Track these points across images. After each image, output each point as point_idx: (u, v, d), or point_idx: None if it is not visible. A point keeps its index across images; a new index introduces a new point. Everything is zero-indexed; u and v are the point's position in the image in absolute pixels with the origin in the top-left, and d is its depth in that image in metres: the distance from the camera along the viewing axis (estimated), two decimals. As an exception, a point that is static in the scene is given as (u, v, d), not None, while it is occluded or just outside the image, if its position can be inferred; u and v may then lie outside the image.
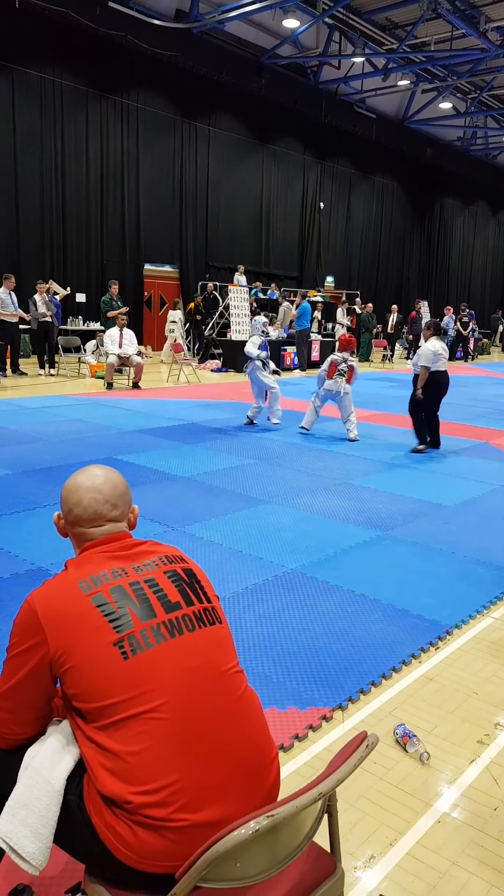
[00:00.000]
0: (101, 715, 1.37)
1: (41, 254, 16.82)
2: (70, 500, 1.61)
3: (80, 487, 1.61)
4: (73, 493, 1.61)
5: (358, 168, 25.71)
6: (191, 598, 1.53)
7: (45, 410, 9.31)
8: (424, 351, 7.40)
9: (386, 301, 24.99)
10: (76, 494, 1.60)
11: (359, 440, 8.14)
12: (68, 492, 1.62)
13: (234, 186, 21.30)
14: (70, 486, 1.63)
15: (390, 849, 2.10)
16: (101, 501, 1.60)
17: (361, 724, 2.71)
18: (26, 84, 15.94)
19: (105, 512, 1.60)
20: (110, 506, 1.61)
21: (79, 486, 1.61)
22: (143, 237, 19.05)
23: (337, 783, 1.30)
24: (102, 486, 1.61)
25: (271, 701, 2.79)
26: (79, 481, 1.62)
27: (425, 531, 4.94)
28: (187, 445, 7.43)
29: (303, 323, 15.90)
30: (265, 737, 1.48)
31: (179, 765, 1.34)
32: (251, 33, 19.86)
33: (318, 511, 5.31)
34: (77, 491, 1.61)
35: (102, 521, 1.60)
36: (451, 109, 25.40)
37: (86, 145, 17.41)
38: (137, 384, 12.11)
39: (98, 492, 1.60)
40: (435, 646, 3.33)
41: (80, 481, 1.62)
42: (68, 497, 1.61)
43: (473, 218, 32.67)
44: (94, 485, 1.61)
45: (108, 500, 1.61)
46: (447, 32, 19.17)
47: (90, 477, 1.63)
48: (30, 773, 1.42)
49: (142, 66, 17.95)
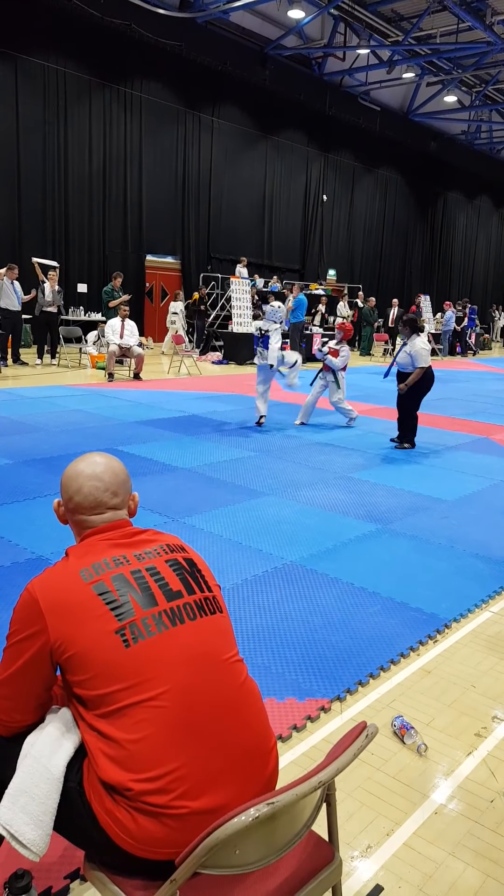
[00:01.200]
0: (103, 702, 1.37)
1: (43, 244, 16.76)
2: (70, 487, 1.60)
3: (80, 475, 1.61)
4: (73, 480, 1.61)
5: (361, 161, 25.60)
6: (192, 587, 1.53)
7: (45, 400, 9.31)
8: (419, 351, 7.30)
9: (388, 294, 24.93)
10: (76, 482, 1.60)
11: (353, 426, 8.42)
12: (69, 479, 1.61)
13: (237, 178, 21.22)
14: (71, 473, 1.62)
15: (387, 839, 2.11)
16: (101, 489, 1.60)
17: (360, 716, 2.72)
18: (30, 73, 15.86)
19: (105, 500, 1.60)
20: (111, 493, 1.61)
21: (79, 473, 1.61)
22: (145, 228, 18.99)
23: (336, 772, 1.31)
24: (103, 474, 1.61)
25: (270, 691, 2.80)
26: (79, 468, 1.62)
27: (425, 525, 4.94)
28: (188, 437, 7.43)
29: (297, 316, 15.78)
30: (265, 726, 1.49)
31: (180, 752, 1.35)
32: (256, 23, 19.74)
33: (318, 504, 5.32)
34: (77, 478, 1.60)
35: (103, 509, 1.60)
36: (456, 103, 25.28)
37: (89, 135, 17.33)
38: (138, 375, 12.10)
39: (99, 479, 1.60)
40: (433, 639, 3.34)
41: (81, 468, 1.62)
42: (69, 484, 1.61)
43: (476, 212, 32.56)
44: (94, 472, 1.61)
45: (108, 488, 1.61)
46: (453, 25, 19.06)
47: (91, 464, 1.62)
48: (29, 761, 1.43)
49: (146, 56, 17.84)
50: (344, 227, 25.62)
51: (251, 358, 16.02)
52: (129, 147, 18.24)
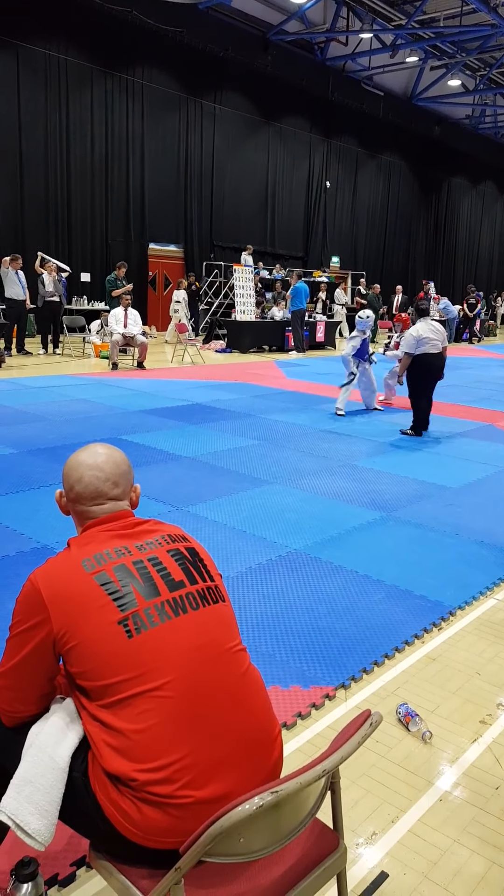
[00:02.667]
0: (106, 693, 1.37)
1: (45, 233, 16.71)
2: (71, 477, 1.60)
3: (81, 465, 1.60)
4: (74, 470, 1.60)
5: (365, 146, 25.40)
6: (194, 577, 1.53)
7: (49, 390, 9.30)
8: (406, 337, 7.23)
9: (392, 281, 24.79)
10: (77, 472, 1.60)
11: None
12: (70, 469, 1.61)
13: (240, 165, 21.08)
14: (72, 463, 1.62)
15: (392, 826, 2.11)
16: (102, 479, 1.59)
17: (364, 703, 2.72)
18: (31, 60, 15.74)
19: (106, 490, 1.59)
20: (111, 484, 1.60)
21: (80, 463, 1.61)
22: (147, 216, 18.90)
23: (341, 760, 1.30)
24: (104, 464, 1.61)
25: (275, 679, 2.80)
26: (80, 459, 1.62)
27: (429, 513, 4.93)
28: (192, 426, 7.42)
29: (297, 304, 15.66)
30: (269, 714, 1.49)
31: (184, 742, 1.35)
32: (258, 9, 19.54)
33: (323, 492, 5.31)
34: (78, 468, 1.60)
35: (103, 500, 1.59)
36: (460, 87, 25.02)
37: (90, 123, 17.22)
38: (142, 364, 12.08)
39: (99, 469, 1.60)
40: (438, 626, 3.34)
41: (82, 459, 1.61)
42: (70, 474, 1.61)
43: (481, 198, 32.30)
44: (95, 462, 1.60)
45: (109, 479, 1.60)
46: (457, 8, 18.84)
47: (92, 454, 1.62)
48: (34, 751, 1.43)
49: (147, 43, 17.70)
50: (347, 213, 25.45)
51: (255, 346, 16.03)
52: (131, 134, 18.12)
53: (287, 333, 16.15)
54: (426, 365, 7.32)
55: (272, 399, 9.34)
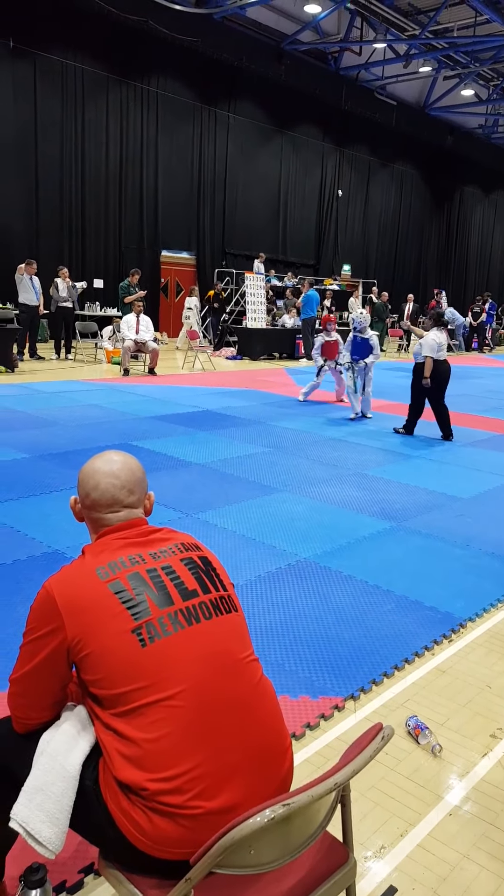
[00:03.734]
0: (119, 702, 1.37)
1: (59, 239, 16.83)
2: (87, 484, 1.60)
3: (97, 472, 1.60)
4: (90, 477, 1.60)
5: (377, 155, 25.44)
6: (207, 586, 1.53)
7: (61, 395, 9.35)
8: (428, 341, 7.51)
9: (403, 290, 24.77)
10: (93, 479, 1.60)
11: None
12: (86, 476, 1.61)
13: (253, 173, 21.16)
14: (87, 470, 1.62)
15: (401, 840, 2.10)
16: (118, 487, 1.59)
17: (373, 715, 2.71)
18: (48, 69, 15.89)
19: (122, 498, 1.60)
20: (127, 491, 1.60)
21: (96, 470, 1.61)
22: (160, 223, 18.99)
23: (352, 774, 1.30)
24: (120, 472, 1.61)
25: (284, 689, 2.80)
26: (96, 466, 1.62)
27: (439, 523, 4.91)
28: (202, 432, 7.43)
29: (307, 311, 15.72)
30: (280, 726, 1.48)
31: (196, 752, 1.34)
32: (272, 19, 19.64)
33: (332, 500, 5.30)
34: (94, 475, 1.60)
35: (119, 507, 1.59)
36: (473, 97, 25.03)
37: (105, 130, 17.35)
38: (153, 370, 12.12)
39: (115, 477, 1.60)
40: (448, 638, 3.32)
41: (98, 466, 1.61)
42: (85, 481, 1.61)
43: (494, 207, 32.27)
44: (111, 470, 1.60)
45: (125, 486, 1.60)
46: (471, 18, 18.85)
47: (108, 462, 1.62)
48: (45, 759, 1.43)
49: (162, 52, 17.82)
50: (359, 222, 25.48)
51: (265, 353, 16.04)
52: (146, 142, 18.24)
53: (297, 341, 16.17)
54: (438, 371, 7.52)
55: (282, 406, 9.34)
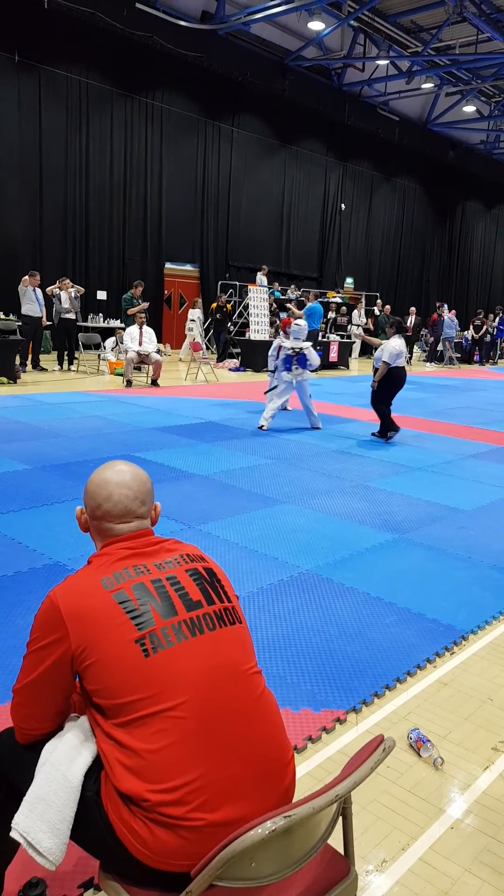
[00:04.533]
0: (121, 712, 1.37)
1: (63, 251, 16.94)
2: (99, 495, 1.58)
3: (109, 482, 1.59)
4: (102, 487, 1.58)
5: (380, 170, 25.62)
6: (212, 597, 1.53)
7: (64, 406, 9.38)
8: (388, 348, 7.99)
9: (405, 303, 24.87)
10: (106, 489, 1.58)
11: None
12: (97, 487, 1.59)
13: (256, 187, 21.31)
14: (98, 480, 1.60)
15: (403, 854, 2.09)
16: (130, 497, 1.58)
17: (375, 728, 2.70)
18: (53, 83, 16.06)
19: (134, 508, 1.59)
20: (139, 502, 1.60)
21: (108, 481, 1.59)
22: (164, 236, 19.11)
23: (354, 786, 1.30)
24: (131, 482, 1.60)
25: (286, 702, 2.79)
26: (106, 476, 1.60)
27: (442, 535, 4.91)
28: (204, 444, 7.44)
29: (310, 324, 15.82)
30: (282, 738, 1.48)
31: (197, 764, 1.34)
32: (276, 35, 19.86)
33: (335, 512, 5.30)
34: (107, 486, 1.58)
35: (131, 518, 1.59)
36: (475, 113, 25.25)
37: (110, 144, 17.51)
38: (156, 382, 12.16)
39: (128, 487, 1.59)
40: (450, 651, 3.31)
41: (109, 476, 1.60)
42: (97, 492, 1.59)
43: (496, 221, 32.43)
44: (123, 480, 1.59)
45: (137, 497, 1.59)
46: (472, 36, 19.06)
47: (118, 472, 1.61)
48: (48, 769, 1.43)
49: (167, 67, 18.01)
50: (362, 235, 25.62)
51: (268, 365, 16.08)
52: (150, 156, 18.39)
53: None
54: (396, 377, 8.14)
55: (285, 418, 9.36)
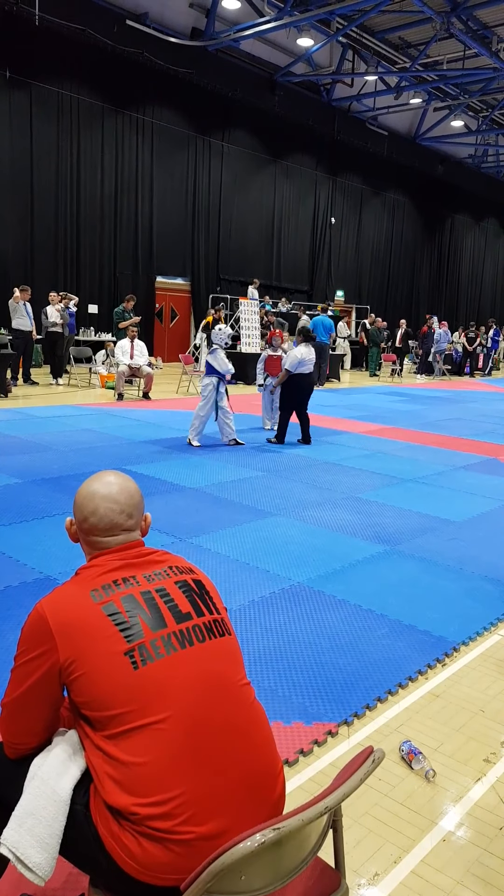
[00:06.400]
0: (110, 724, 1.36)
1: (55, 265, 16.99)
2: (86, 508, 1.58)
3: (95, 495, 1.58)
4: (88, 500, 1.58)
5: (369, 184, 25.88)
6: (201, 609, 1.53)
7: (55, 420, 9.36)
8: (291, 355, 8.36)
9: (396, 315, 25.06)
10: (92, 503, 1.58)
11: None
12: (84, 499, 1.59)
13: (246, 201, 21.47)
14: (85, 493, 1.59)
15: (395, 867, 2.08)
16: (117, 511, 1.58)
17: (367, 740, 2.70)
18: (44, 99, 16.17)
19: (121, 522, 1.58)
20: (126, 515, 1.59)
21: (94, 493, 1.58)
22: (155, 250, 19.21)
23: (343, 797, 1.30)
24: (118, 496, 1.59)
25: (277, 715, 2.78)
26: (94, 489, 1.59)
27: (433, 546, 4.92)
28: (196, 457, 7.44)
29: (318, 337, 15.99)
30: (271, 750, 1.48)
31: (186, 777, 1.34)
32: (265, 51, 20.09)
33: (326, 524, 5.31)
34: (93, 499, 1.58)
35: (117, 531, 1.58)
36: (463, 127, 25.59)
37: (101, 159, 17.63)
38: (147, 395, 12.17)
39: (114, 501, 1.58)
40: (442, 662, 3.31)
41: (96, 489, 1.59)
42: (84, 505, 1.58)
43: (484, 234, 32.78)
44: (109, 493, 1.58)
45: (123, 510, 1.59)
46: (460, 52, 19.34)
47: (106, 485, 1.60)
48: (36, 783, 1.42)
49: (157, 83, 18.18)
50: (352, 248, 25.83)
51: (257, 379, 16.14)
52: (141, 171, 18.52)
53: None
54: (299, 384, 8.38)
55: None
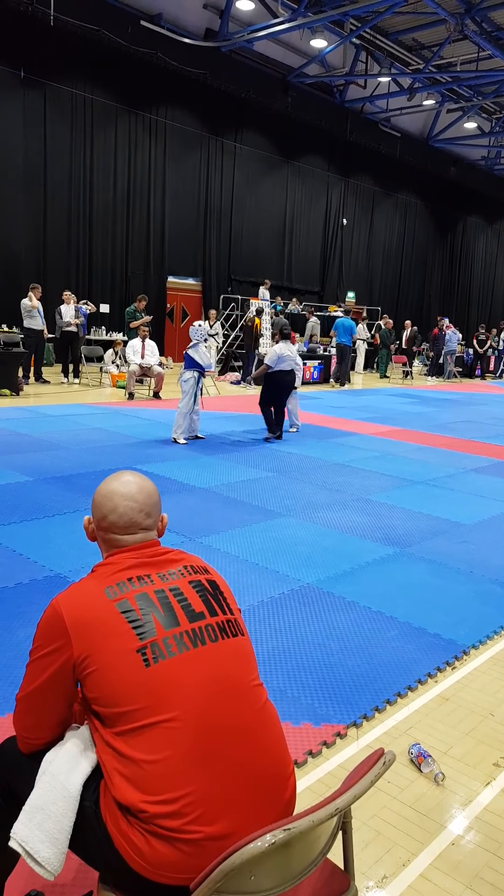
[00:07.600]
0: (120, 721, 1.37)
1: (67, 265, 17.05)
2: (105, 506, 1.59)
3: (115, 494, 1.60)
4: (108, 499, 1.59)
5: (381, 185, 25.83)
6: (214, 609, 1.53)
7: (66, 419, 9.40)
8: (270, 352, 8.62)
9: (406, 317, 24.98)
10: (112, 501, 1.59)
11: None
12: (103, 498, 1.60)
13: (258, 202, 21.48)
14: (105, 492, 1.61)
15: (403, 870, 2.07)
16: (136, 510, 1.59)
17: (376, 743, 2.69)
18: (58, 99, 16.24)
19: (139, 520, 1.59)
20: (144, 514, 1.60)
21: (114, 492, 1.60)
22: (167, 250, 19.25)
23: (353, 799, 1.29)
24: (137, 495, 1.60)
25: (286, 716, 2.78)
26: (113, 488, 1.61)
27: (443, 549, 4.90)
28: (206, 457, 7.45)
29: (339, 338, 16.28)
30: (283, 751, 1.48)
31: (196, 776, 1.34)
32: (279, 52, 20.09)
33: (336, 526, 5.30)
34: (112, 497, 1.59)
35: (136, 529, 1.59)
36: (476, 129, 25.49)
37: (114, 159, 17.68)
38: (158, 394, 12.19)
39: (133, 500, 1.59)
40: (451, 665, 3.30)
41: (115, 488, 1.61)
42: (103, 503, 1.60)
43: (497, 236, 32.63)
44: (129, 492, 1.60)
45: (142, 509, 1.60)
46: (473, 53, 19.26)
47: (125, 484, 1.61)
48: (47, 778, 1.43)
49: (171, 83, 18.22)
50: (363, 250, 25.79)
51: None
52: (154, 171, 18.57)
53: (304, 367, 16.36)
54: (278, 381, 8.56)
55: (285, 431, 9.37)
